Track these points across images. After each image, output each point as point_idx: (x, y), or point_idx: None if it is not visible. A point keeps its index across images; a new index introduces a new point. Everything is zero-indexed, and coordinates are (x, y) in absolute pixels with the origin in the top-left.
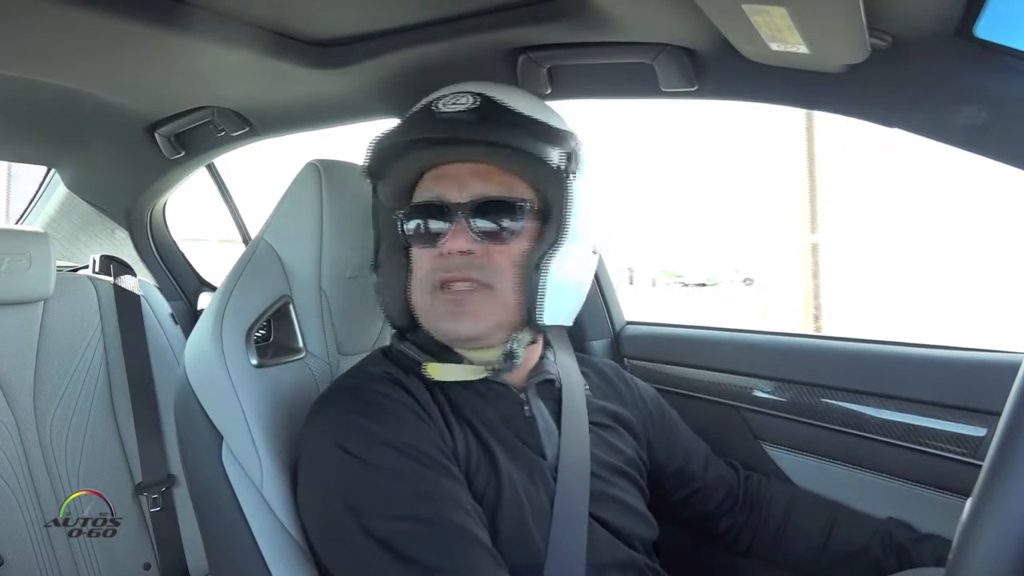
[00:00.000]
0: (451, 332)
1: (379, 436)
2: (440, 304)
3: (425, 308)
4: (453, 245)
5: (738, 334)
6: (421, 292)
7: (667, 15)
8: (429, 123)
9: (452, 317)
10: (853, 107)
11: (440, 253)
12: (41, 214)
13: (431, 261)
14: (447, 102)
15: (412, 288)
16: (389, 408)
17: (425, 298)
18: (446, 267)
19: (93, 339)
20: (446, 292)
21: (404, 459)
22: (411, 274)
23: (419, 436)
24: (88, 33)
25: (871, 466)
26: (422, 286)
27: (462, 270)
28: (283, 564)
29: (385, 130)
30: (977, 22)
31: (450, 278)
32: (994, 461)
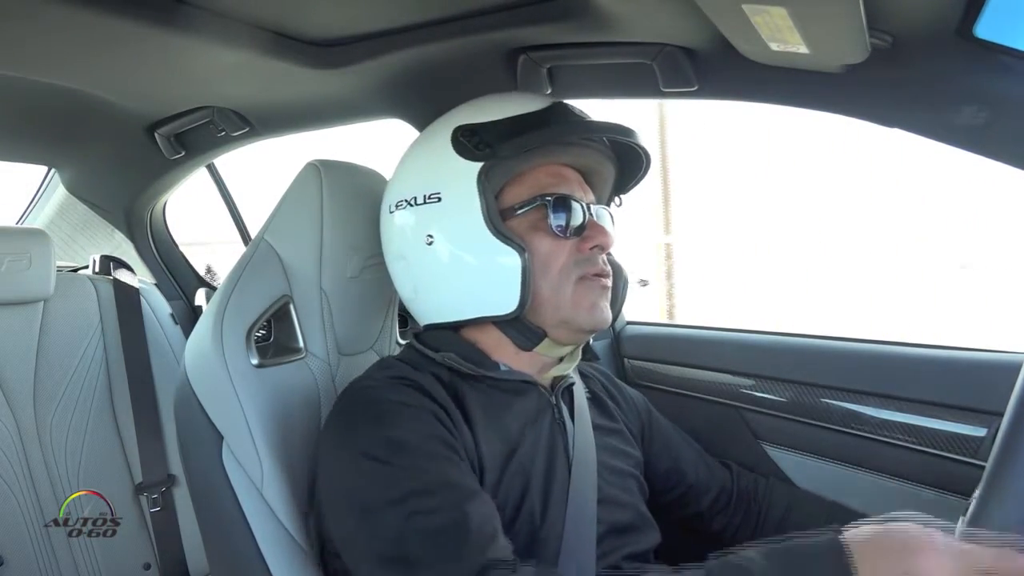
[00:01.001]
0: (600, 320)
1: (401, 438)
2: (590, 293)
3: (568, 296)
4: (604, 240)
5: (738, 334)
6: (563, 281)
7: (667, 15)
8: (584, 121)
9: (599, 307)
10: (853, 107)
11: (581, 247)
12: (40, 215)
13: (570, 253)
14: (577, 109)
15: (539, 276)
16: (407, 411)
17: (568, 287)
18: (590, 260)
19: (93, 339)
20: (590, 283)
21: (431, 453)
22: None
23: (435, 431)
24: (88, 33)
25: (871, 466)
26: (564, 275)
27: (606, 265)
28: (283, 564)
29: (513, 115)
30: (977, 22)
31: (599, 272)
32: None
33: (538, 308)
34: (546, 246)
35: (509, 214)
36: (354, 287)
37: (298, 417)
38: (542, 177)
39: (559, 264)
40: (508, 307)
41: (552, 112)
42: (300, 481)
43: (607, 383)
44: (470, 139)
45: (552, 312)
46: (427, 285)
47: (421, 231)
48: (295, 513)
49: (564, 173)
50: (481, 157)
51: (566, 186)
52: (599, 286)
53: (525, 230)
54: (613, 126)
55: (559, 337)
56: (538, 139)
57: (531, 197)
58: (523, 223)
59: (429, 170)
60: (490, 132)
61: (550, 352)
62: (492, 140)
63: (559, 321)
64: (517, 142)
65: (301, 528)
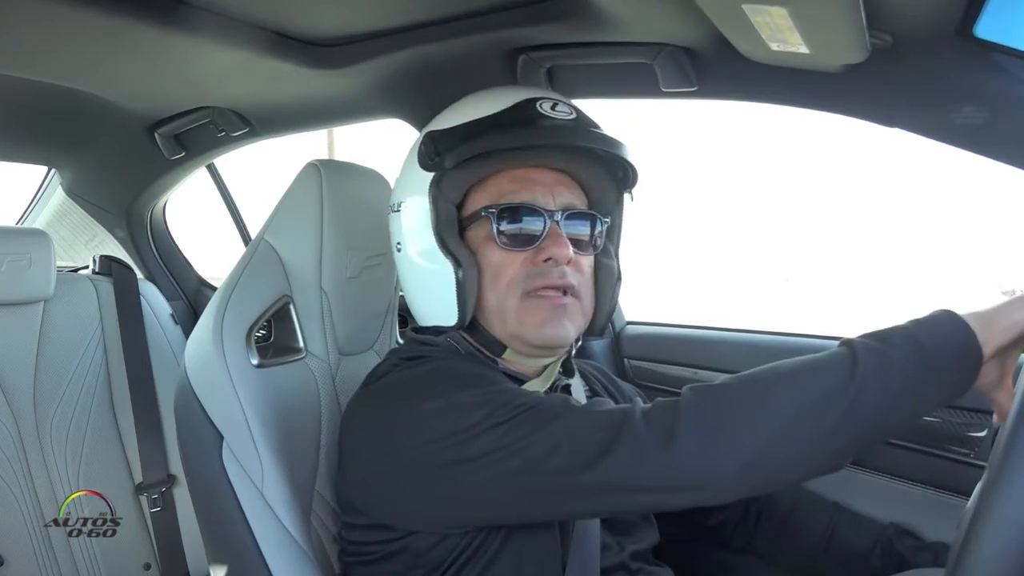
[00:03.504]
0: (551, 338)
1: (487, 394)
2: (537, 309)
3: (512, 311)
4: (559, 253)
5: (738, 334)
6: (508, 295)
7: (667, 15)
8: (540, 126)
9: (552, 323)
10: (853, 107)
11: (535, 259)
12: (40, 215)
13: (523, 265)
14: (546, 107)
15: (488, 288)
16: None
17: (513, 302)
18: (543, 273)
19: (93, 339)
20: (540, 297)
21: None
22: (482, 273)
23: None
24: (88, 33)
25: (872, 466)
26: (511, 289)
27: (563, 278)
28: (283, 564)
29: (469, 120)
30: (977, 22)
31: (551, 285)
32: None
33: (489, 320)
34: (496, 257)
35: (466, 223)
36: (354, 287)
37: (298, 417)
38: (504, 184)
39: (507, 277)
40: (450, 319)
41: (512, 114)
42: (300, 481)
43: (604, 380)
44: (428, 147)
45: (500, 325)
46: (404, 289)
47: (394, 238)
48: (295, 513)
49: (534, 176)
50: (431, 167)
51: (529, 192)
52: (549, 301)
53: (480, 240)
54: (564, 133)
55: (518, 350)
56: (474, 148)
57: (484, 206)
58: (479, 233)
59: (402, 179)
60: (444, 139)
61: (520, 361)
62: (444, 148)
63: (509, 335)
64: (458, 151)
65: (301, 528)
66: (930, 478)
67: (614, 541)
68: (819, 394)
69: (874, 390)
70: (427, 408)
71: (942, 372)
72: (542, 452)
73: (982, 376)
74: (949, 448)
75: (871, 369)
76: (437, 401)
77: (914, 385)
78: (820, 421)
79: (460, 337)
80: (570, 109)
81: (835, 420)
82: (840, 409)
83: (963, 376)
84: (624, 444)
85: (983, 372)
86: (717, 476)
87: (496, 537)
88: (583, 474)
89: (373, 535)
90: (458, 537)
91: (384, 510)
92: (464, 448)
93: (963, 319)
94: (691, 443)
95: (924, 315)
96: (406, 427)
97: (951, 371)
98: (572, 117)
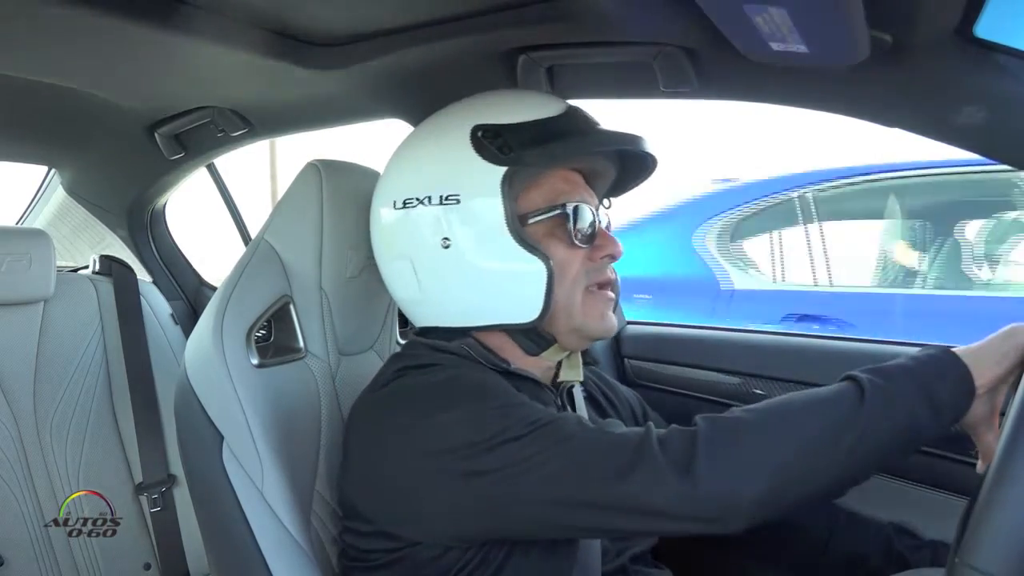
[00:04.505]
0: (610, 329)
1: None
2: (600, 303)
3: (578, 305)
4: (616, 250)
5: (738, 334)
6: (574, 290)
7: (667, 15)
8: (599, 131)
9: (609, 316)
10: (853, 107)
11: (593, 255)
12: (40, 215)
13: (583, 262)
14: (588, 114)
15: (556, 284)
16: (498, 384)
17: (578, 296)
18: (601, 269)
19: (93, 339)
20: (599, 293)
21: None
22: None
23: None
24: (88, 33)
25: None
26: (576, 284)
27: (613, 273)
28: (284, 564)
29: (537, 118)
30: (977, 22)
31: (610, 280)
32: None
33: (553, 315)
34: (561, 254)
35: (526, 220)
36: (354, 287)
37: (298, 417)
38: (558, 183)
39: (573, 273)
40: (529, 315)
41: (571, 119)
42: (300, 481)
43: (600, 383)
44: (492, 141)
45: (565, 320)
46: (437, 288)
47: (436, 233)
48: (295, 513)
49: (575, 179)
50: (506, 162)
51: (578, 193)
52: (607, 296)
53: (541, 237)
54: (631, 137)
55: (568, 343)
56: (568, 150)
57: (549, 204)
58: (540, 230)
59: (444, 169)
60: (514, 136)
61: (553, 357)
62: (516, 145)
63: (571, 329)
64: (546, 151)
65: (301, 528)
66: (929, 478)
67: (613, 546)
68: (829, 428)
69: (879, 425)
70: (444, 418)
71: (939, 408)
72: (558, 469)
73: (972, 411)
74: (949, 448)
75: (877, 405)
76: (454, 411)
77: (915, 421)
78: (831, 454)
79: (474, 341)
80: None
81: (844, 453)
82: (848, 443)
83: (957, 412)
84: (642, 469)
85: (972, 407)
86: (733, 508)
87: (501, 549)
88: (598, 494)
89: (376, 543)
90: (462, 550)
91: (390, 519)
92: (480, 460)
93: (959, 356)
94: (709, 475)
95: (922, 352)
96: (420, 436)
97: (947, 407)
98: (615, 132)
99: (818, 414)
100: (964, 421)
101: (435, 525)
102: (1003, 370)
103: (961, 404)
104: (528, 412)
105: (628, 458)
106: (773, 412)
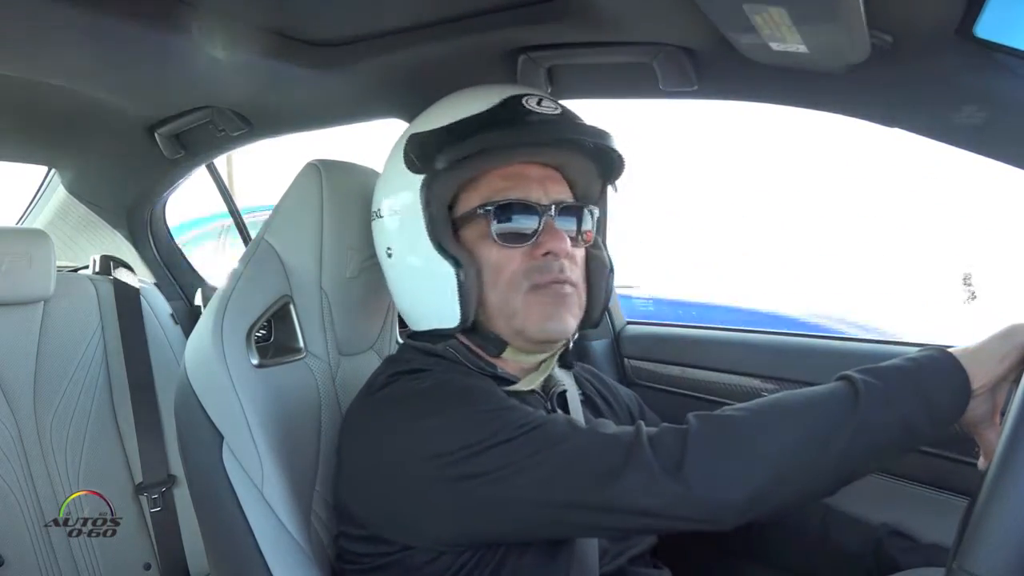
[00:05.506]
0: (554, 331)
1: (512, 409)
2: (541, 304)
3: (515, 307)
4: (557, 247)
5: (738, 334)
6: (511, 292)
7: (667, 15)
8: (530, 122)
9: (555, 317)
10: (853, 107)
11: (533, 253)
12: (40, 215)
13: (522, 261)
14: (532, 103)
15: (489, 287)
16: (486, 388)
17: (517, 298)
18: (543, 268)
19: (93, 339)
20: (542, 292)
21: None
22: (481, 271)
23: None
24: (88, 33)
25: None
26: (512, 286)
27: (563, 272)
28: (284, 564)
29: (456, 120)
30: (977, 22)
31: (554, 279)
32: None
33: (491, 318)
34: (494, 255)
35: (460, 223)
36: (354, 287)
37: (298, 417)
38: (495, 181)
39: (508, 274)
40: (452, 321)
41: (498, 113)
42: (300, 481)
43: (598, 384)
44: (415, 150)
45: (504, 322)
46: (395, 295)
47: (383, 242)
48: (295, 513)
49: (524, 172)
50: (421, 170)
51: (521, 189)
52: (553, 295)
53: (476, 239)
54: (555, 128)
55: (519, 346)
56: (465, 149)
57: (477, 205)
58: (474, 232)
59: (387, 181)
60: (432, 142)
61: (520, 359)
62: (431, 151)
63: (513, 331)
64: (448, 153)
65: (301, 528)
66: (928, 477)
67: (612, 547)
68: (822, 428)
69: (873, 426)
70: (433, 423)
71: (935, 410)
72: (550, 471)
73: (971, 410)
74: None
75: (871, 406)
76: (442, 416)
77: (909, 422)
78: (823, 454)
79: (459, 344)
80: (555, 104)
81: (837, 453)
82: (842, 443)
83: (952, 413)
84: (633, 469)
85: (972, 407)
86: (724, 507)
87: (496, 552)
88: (590, 495)
89: (369, 547)
90: (456, 554)
91: (383, 523)
92: (470, 464)
93: (956, 357)
94: (700, 474)
95: (919, 353)
96: (410, 442)
97: (943, 408)
98: (558, 112)
99: (811, 414)
100: (964, 420)
101: (428, 529)
102: (1004, 369)
103: (957, 406)
104: (518, 415)
105: (619, 458)
106: (765, 411)
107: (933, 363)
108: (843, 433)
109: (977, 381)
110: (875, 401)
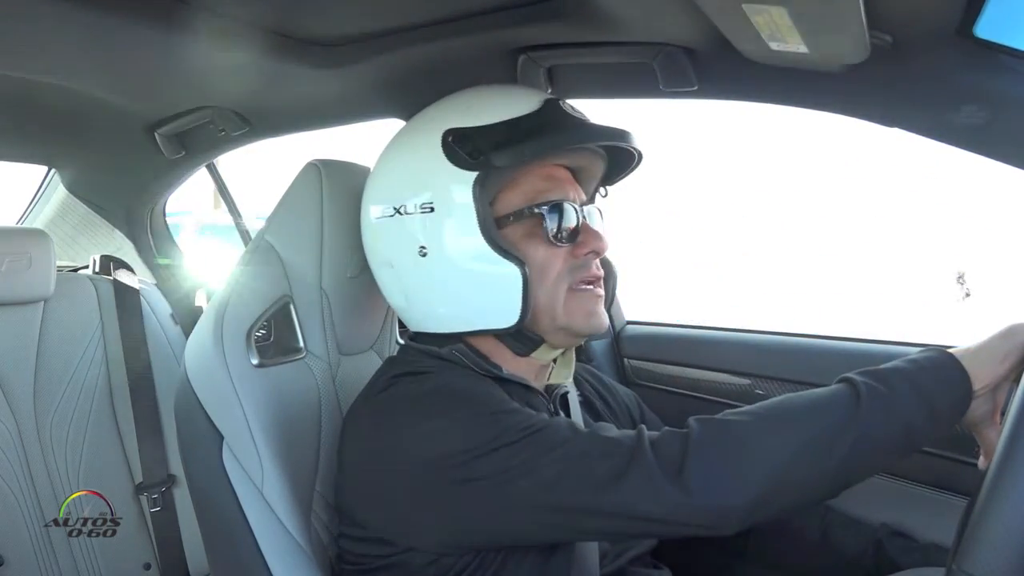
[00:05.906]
0: (597, 326)
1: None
2: (585, 301)
3: (562, 304)
4: (600, 245)
5: (738, 334)
6: (557, 289)
7: (667, 15)
8: (577, 126)
9: (597, 313)
10: (853, 107)
11: (576, 252)
12: (40, 215)
13: (565, 260)
14: (568, 107)
15: (537, 285)
16: (490, 390)
17: (562, 295)
18: (585, 266)
19: (93, 339)
20: (584, 290)
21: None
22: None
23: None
24: (88, 33)
25: None
26: (558, 284)
27: (599, 269)
28: (283, 564)
29: (507, 118)
30: (977, 22)
31: (595, 278)
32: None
33: (536, 317)
34: (541, 254)
35: (504, 222)
36: (354, 287)
37: (298, 417)
38: (536, 182)
39: (554, 272)
40: (509, 320)
41: (546, 114)
42: (300, 481)
43: (597, 385)
44: (462, 146)
45: (550, 320)
46: (420, 296)
47: (413, 241)
48: (295, 513)
49: (557, 174)
50: (476, 166)
51: (559, 189)
52: (594, 293)
53: (520, 238)
54: (609, 131)
55: (556, 342)
56: (537, 149)
57: (525, 205)
58: (518, 231)
59: (418, 176)
60: (483, 138)
61: (544, 356)
62: (486, 148)
63: (556, 328)
64: (514, 151)
65: (301, 528)
66: (928, 478)
67: (612, 549)
68: (824, 432)
69: (874, 429)
70: (434, 425)
71: (936, 411)
72: (552, 474)
73: (972, 410)
74: (949, 448)
75: (873, 409)
76: (446, 419)
77: (910, 424)
78: (825, 459)
79: (465, 347)
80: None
81: (838, 458)
82: (844, 447)
83: (954, 414)
84: (635, 474)
85: (973, 407)
86: (725, 513)
87: (497, 554)
88: (592, 499)
89: (370, 548)
90: (456, 556)
91: (384, 525)
92: (472, 467)
93: (957, 358)
94: (702, 479)
95: (919, 354)
96: (412, 444)
97: (944, 410)
98: (590, 125)
99: (812, 417)
100: (965, 419)
101: (428, 532)
102: (1005, 369)
103: (958, 408)
104: (521, 418)
105: (621, 463)
106: (766, 415)
107: (934, 364)
108: (845, 437)
109: (978, 381)
110: (877, 404)
